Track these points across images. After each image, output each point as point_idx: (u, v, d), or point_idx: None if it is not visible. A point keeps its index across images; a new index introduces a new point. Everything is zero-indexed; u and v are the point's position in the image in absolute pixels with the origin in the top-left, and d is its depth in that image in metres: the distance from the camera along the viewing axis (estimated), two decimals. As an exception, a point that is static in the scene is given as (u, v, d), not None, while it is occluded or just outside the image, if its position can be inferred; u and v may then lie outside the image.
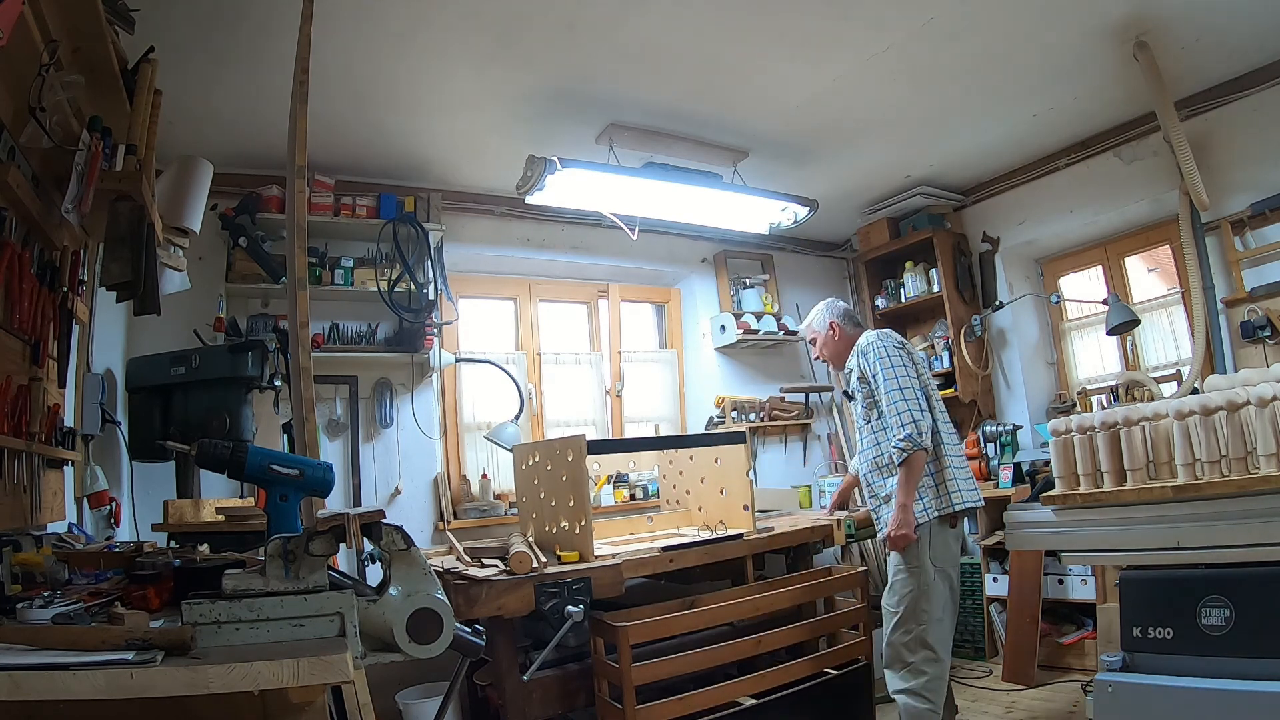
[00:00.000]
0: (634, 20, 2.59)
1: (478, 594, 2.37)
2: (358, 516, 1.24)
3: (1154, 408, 2.12)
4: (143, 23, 1.99)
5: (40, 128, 1.55)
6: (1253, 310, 3.31)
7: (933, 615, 2.53)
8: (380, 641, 1.22)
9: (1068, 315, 4.48)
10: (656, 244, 4.43)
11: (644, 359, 4.61)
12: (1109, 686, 2.08)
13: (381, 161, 3.53)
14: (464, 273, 3.96)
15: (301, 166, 1.90)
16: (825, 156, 3.84)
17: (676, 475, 3.61)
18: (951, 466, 2.61)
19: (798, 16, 2.64)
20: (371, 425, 3.58)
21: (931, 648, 2.52)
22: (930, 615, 2.53)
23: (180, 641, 1.02)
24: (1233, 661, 1.91)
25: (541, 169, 3.03)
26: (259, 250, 3.12)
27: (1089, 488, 2.19)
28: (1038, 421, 4.18)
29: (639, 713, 2.42)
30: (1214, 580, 1.97)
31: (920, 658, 2.52)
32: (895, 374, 2.59)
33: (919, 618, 2.53)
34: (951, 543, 2.61)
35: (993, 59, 3.03)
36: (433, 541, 3.59)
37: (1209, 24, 2.90)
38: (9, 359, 1.58)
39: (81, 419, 2.23)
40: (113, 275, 1.74)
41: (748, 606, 2.78)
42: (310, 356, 1.82)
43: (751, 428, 4.45)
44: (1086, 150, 3.94)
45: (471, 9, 2.46)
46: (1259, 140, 3.31)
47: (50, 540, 1.64)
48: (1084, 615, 3.63)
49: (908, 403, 2.54)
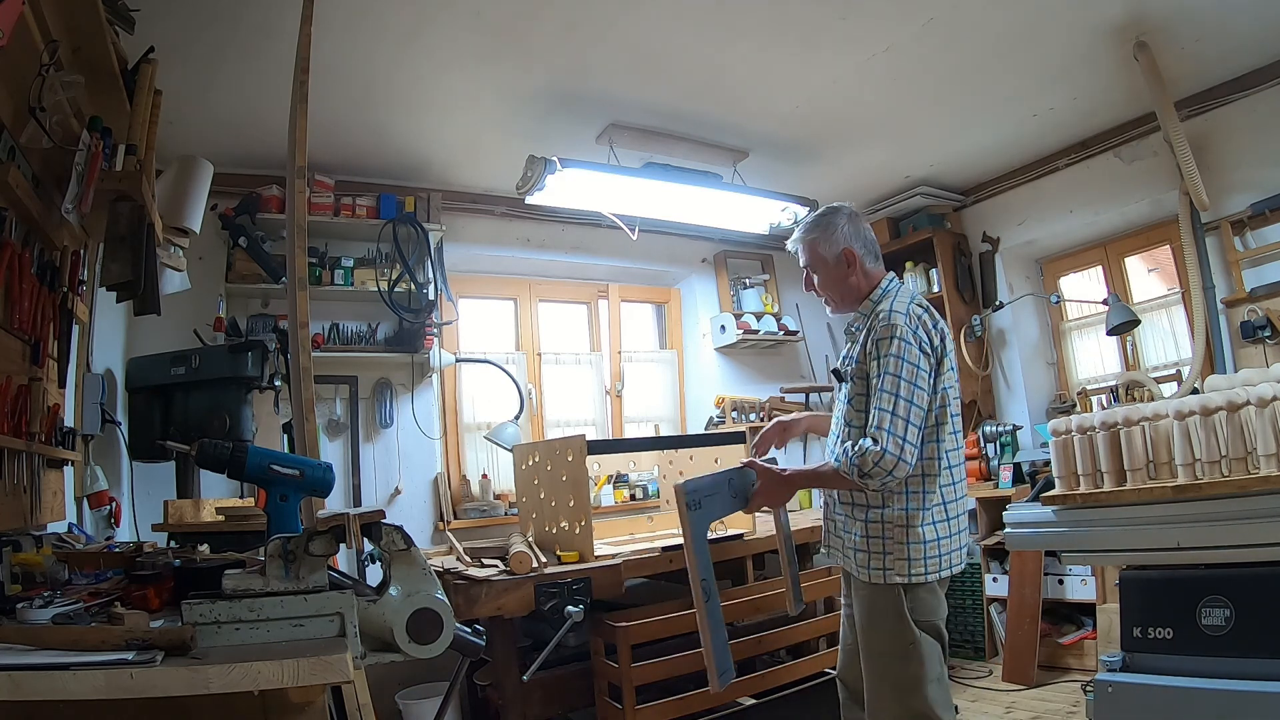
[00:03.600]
0: (634, 20, 2.59)
1: (478, 594, 2.37)
2: (358, 516, 1.24)
3: (1154, 408, 2.12)
4: (143, 23, 1.99)
5: (40, 128, 1.55)
6: (1253, 310, 3.30)
7: (929, 676, 1.82)
8: (380, 641, 1.22)
9: (1068, 315, 4.47)
10: (656, 244, 4.43)
11: (644, 359, 4.61)
12: (1109, 686, 2.08)
13: (381, 161, 3.53)
14: (464, 273, 3.96)
15: (301, 166, 1.90)
16: (825, 156, 3.84)
17: (676, 475, 3.60)
18: (960, 515, 1.93)
19: (798, 16, 2.64)
20: (371, 425, 3.58)
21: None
22: (928, 676, 1.82)
23: (180, 641, 1.02)
24: (1233, 661, 1.90)
25: (541, 169, 3.03)
26: (259, 250, 3.12)
27: (1089, 488, 2.19)
28: (1038, 421, 4.18)
29: (639, 713, 2.42)
30: (1214, 580, 1.97)
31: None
32: (908, 378, 1.81)
33: (913, 687, 1.82)
34: (940, 596, 1.92)
35: (993, 59, 3.03)
36: (433, 541, 3.59)
37: (1209, 24, 2.89)
38: (9, 359, 1.58)
39: (81, 419, 2.23)
40: (113, 275, 1.74)
41: (748, 606, 2.78)
42: (310, 356, 1.82)
43: (751, 428, 4.44)
44: (1086, 150, 3.94)
45: (472, 9, 2.46)
46: (1259, 140, 3.30)
47: (50, 540, 1.65)
48: (1084, 615, 3.63)
49: (908, 422, 1.78)
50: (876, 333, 1.87)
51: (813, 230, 2.07)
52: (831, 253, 2.03)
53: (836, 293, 2.08)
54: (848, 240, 2.03)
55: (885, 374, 1.82)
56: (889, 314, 1.88)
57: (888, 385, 1.81)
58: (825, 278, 2.07)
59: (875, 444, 1.76)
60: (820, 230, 2.05)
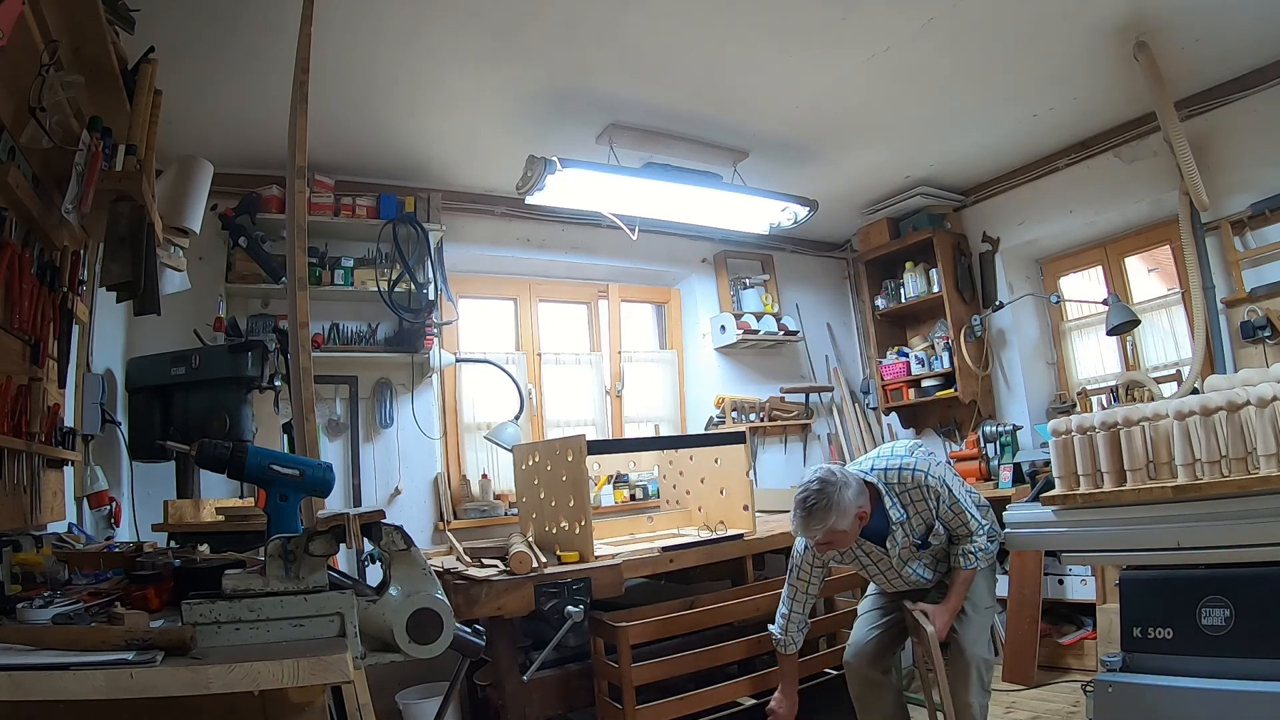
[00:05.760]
0: (634, 20, 2.59)
1: (478, 594, 2.37)
2: (358, 516, 1.24)
3: (1154, 408, 2.11)
4: (143, 23, 1.99)
5: (40, 128, 1.55)
6: (1253, 310, 3.31)
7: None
8: (380, 641, 1.22)
9: (1068, 315, 4.48)
10: (656, 244, 4.43)
11: (644, 359, 4.61)
12: (1109, 686, 2.08)
13: (381, 161, 3.53)
14: (464, 273, 3.96)
15: (301, 166, 1.91)
16: (825, 156, 3.84)
17: (676, 475, 3.61)
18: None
19: (798, 17, 2.64)
20: (371, 425, 3.58)
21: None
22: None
23: (180, 641, 1.02)
24: (1233, 661, 1.90)
25: (541, 169, 3.02)
26: (259, 250, 3.12)
27: (1089, 488, 2.19)
28: (1038, 421, 4.18)
29: (639, 713, 2.42)
30: (1214, 580, 1.97)
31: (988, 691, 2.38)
32: (963, 488, 2.40)
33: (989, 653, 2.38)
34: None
35: (992, 59, 3.03)
36: (433, 541, 3.59)
37: (1209, 24, 2.90)
38: (9, 359, 1.58)
39: (81, 419, 2.23)
40: (113, 275, 1.74)
41: (748, 606, 2.78)
42: (310, 356, 1.82)
43: (751, 428, 4.44)
44: (1086, 150, 3.94)
45: (472, 9, 2.46)
46: (1259, 140, 3.30)
47: (50, 540, 1.65)
48: (1084, 615, 3.63)
49: (980, 515, 2.37)
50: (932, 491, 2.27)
51: (824, 514, 2.14)
52: (848, 522, 2.18)
53: (855, 531, 2.25)
54: (855, 505, 2.18)
55: (957, 499, 2.29)
56: (921, 475, 2.27)
57: (963, 502, 2.30)
58: (851, 535, 2.24)
59: (976, 535, 2.31)
60: (834, 507, 2.14)
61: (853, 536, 2.24)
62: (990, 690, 2.36)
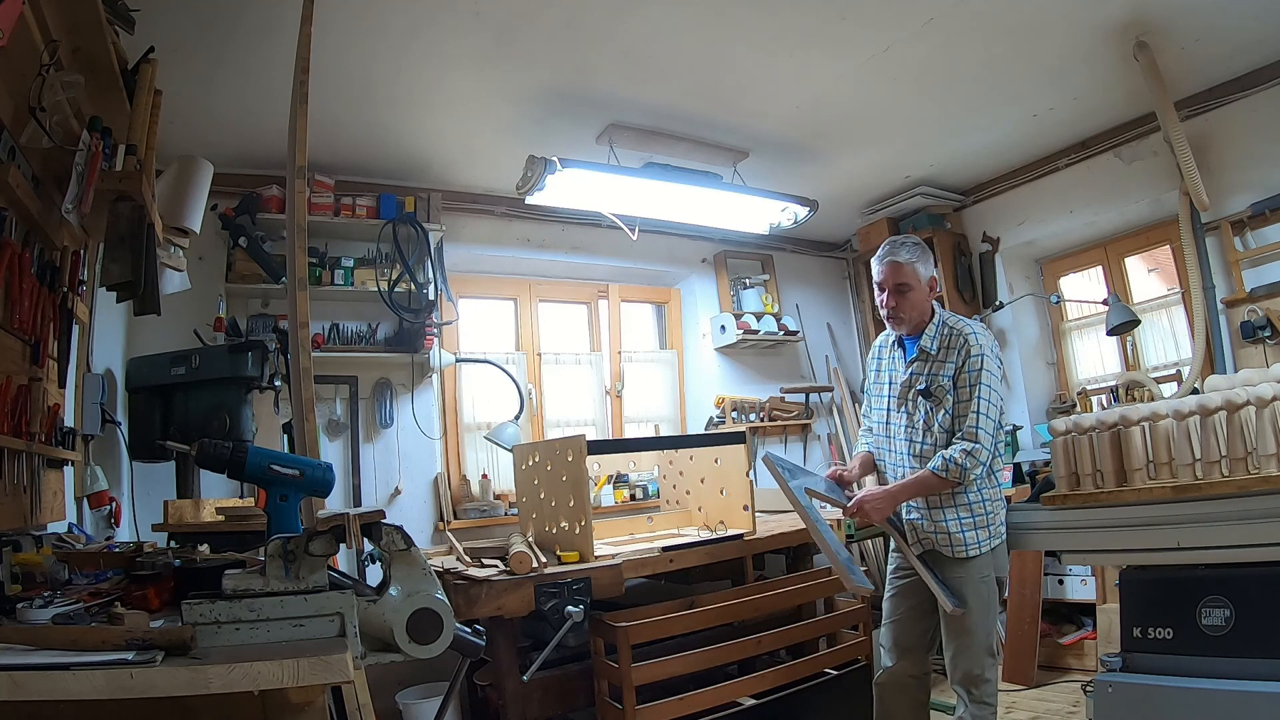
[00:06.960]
0: (634, 20, 2.59)
1: (478, 594, 2.37)
2: (358, 516, 1.24)
3: (1154, 408, 2.11)
4: (143, 23, 1.99)
5: (40, 128, 1.55)
6: (1253, 310, 3.31)
7: (996, 616, 2.38)
8: (380, 641, 1.22)
9: (1068, 315, 4.48)
10: (656, 244, 4.43)
11: (644, 359, 4.61)
12: (1109, 686, 2.08)
13: (381, 161, 3.53)
14: (464, 273, 3.96)
15: (301, 166, 1.90)
16: (825, 156, 3.84)
17: (676, 475, 3.61)
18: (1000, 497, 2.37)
19: (798, 16, 2.64)
20: (371, 425, 3.58)
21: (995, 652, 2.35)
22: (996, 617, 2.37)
23: (180, 641, 1.02)
24: (1233, 662, 1.90)
25: (541, 169, 3.03)
26: (259, 250, 3.12)
27: (1089, 488, 2.19)
28: (1038, 421, 4.18)
29: (639, 713, 2.42)
30: (1214, 580, 1.97)
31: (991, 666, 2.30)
32: (996, 395, 2.23)
33: (991, 629, 2.31)
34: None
35: (992, 59, 3.03)
36: (433, 541, 3.59)
37: (1209, 24, 2.90)
38: (9, 359, 1.59)
39: (81, 419, 2.23)
40: (113, 275, 1.74)
41: (748, 606, 2.78)
42: (310, 356, 1.82)
43: (751, 428, 4.44)
44: (1086, 150, 3.94)
45: (472, 9, 2.46)
46: (1259, 140, 3.30)
47: (50, 540, 1.65)
48: (1084, 615, 3.63)
49: (993, 437, 2.23)
50: (965, 352, 2.22)
51: (915, 252, 2.29)
52: (927, 275, 2.30)
53: (917, 312, 2.31)
54: (931, 272, 2.32)
55: (980, 386, 2.20)
56: (975, 337, 2.24)
57: (984, 394, 2.20)
58: (918, 296, 2.29)
59: (973, 444, 2.17)
60: (921, 253, 2.30)
61: (917, 302, 2.28)
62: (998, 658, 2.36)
